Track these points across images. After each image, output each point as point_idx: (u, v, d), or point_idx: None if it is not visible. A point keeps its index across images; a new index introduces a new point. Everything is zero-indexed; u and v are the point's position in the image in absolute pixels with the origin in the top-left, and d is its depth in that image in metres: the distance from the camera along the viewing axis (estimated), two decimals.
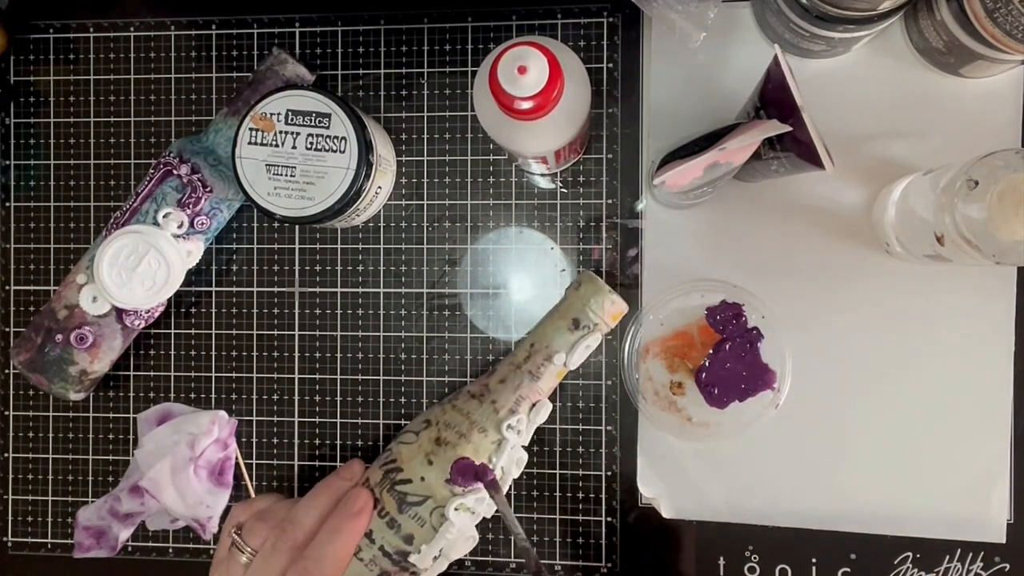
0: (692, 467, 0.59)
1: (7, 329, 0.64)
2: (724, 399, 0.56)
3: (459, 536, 0.52)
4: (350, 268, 0.62)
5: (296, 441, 0.63)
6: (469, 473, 0.51)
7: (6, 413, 0.64)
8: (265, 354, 0.63)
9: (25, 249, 0.64)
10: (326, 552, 0.50)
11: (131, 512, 0.61)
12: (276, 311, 0.62)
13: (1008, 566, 0.57)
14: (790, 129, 0.47)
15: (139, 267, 0.56)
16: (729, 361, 0.57)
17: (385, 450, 0.56)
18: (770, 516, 0.59)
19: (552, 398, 0.58)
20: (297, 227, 0.62)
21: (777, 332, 0.56)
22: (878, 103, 0.58)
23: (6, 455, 0.64)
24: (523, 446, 0.55)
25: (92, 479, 0.64)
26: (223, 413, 0.61)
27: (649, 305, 0.58)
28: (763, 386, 0.56)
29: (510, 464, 0.53)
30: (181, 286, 0.58)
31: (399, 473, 0.53)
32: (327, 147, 0.53)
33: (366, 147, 0.53)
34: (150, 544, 0.63)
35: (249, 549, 0.52)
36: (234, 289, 0.63)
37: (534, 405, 0.54)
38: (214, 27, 0.63)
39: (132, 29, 0.63)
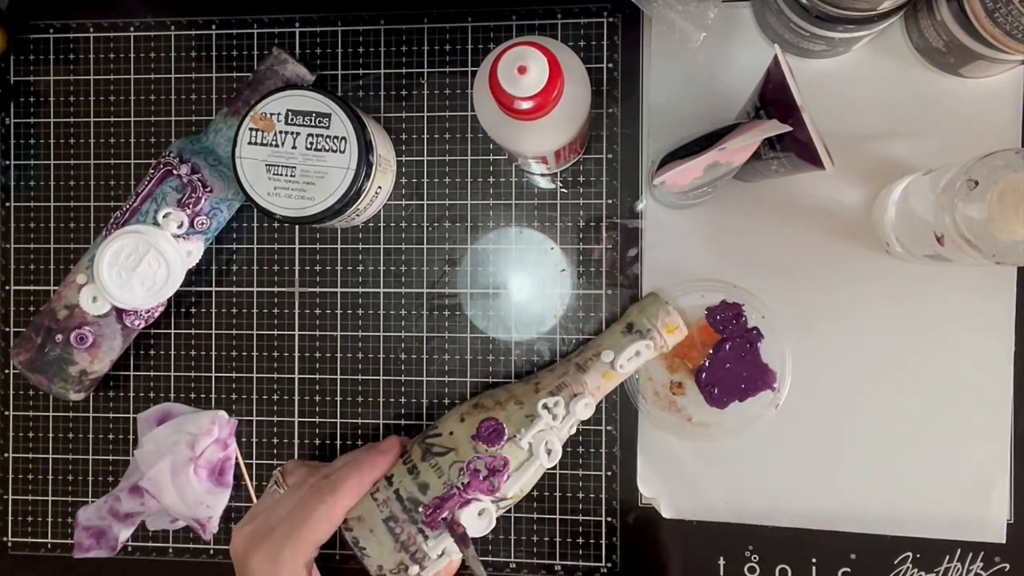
0: (692, 467, 0.59)
1: (7, 329, 0.64)
2: (724, 399, 0.56)
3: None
4: (350, 268, 0.62)
5: (296, 441, 0.63)
6: (494, 434, 0.52)
7: (6, 413, 0.64)
8: (265, 354, 0.63)
9: (25, 249, 0.64)
10: (342, 476, 0.52)
11: (131, 512, 0.61)
12: (276, 311, 0.62)
13: (1008, 566, 0.57)
14: (790, 129, 0.47)
15: (139, 267, 0.56)
16: (729, 361, 0.57)
17: None
18: (770, 516, 0.59)
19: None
20: (297, 227, 0.62)
21: (777, 332, 0.56)
22: (878, 103, 0.58)
23: (6, 455, 0.64)
24: (558, 439, 0.54)
25: (92, 479, 0.64)
26: (223, 413, 0.61)
27: None
28: (763, 386, 0.56)
29: (538, 446, 0.52)
30: (181, 286, 0.58)
31: (433, 429, 0.55)
32: (327, 147, 0.53)
33: (366, 147, 0.53)
34: (150, 544, 0.63)
35: (283, 484, 0.55)
36: (234, 289, 0.63)
37: (576, 395, 0.54)
38: (214, 27, 0.63)
39: (132, 29, 0.63)
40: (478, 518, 0.52)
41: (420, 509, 0.51)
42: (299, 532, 0.50)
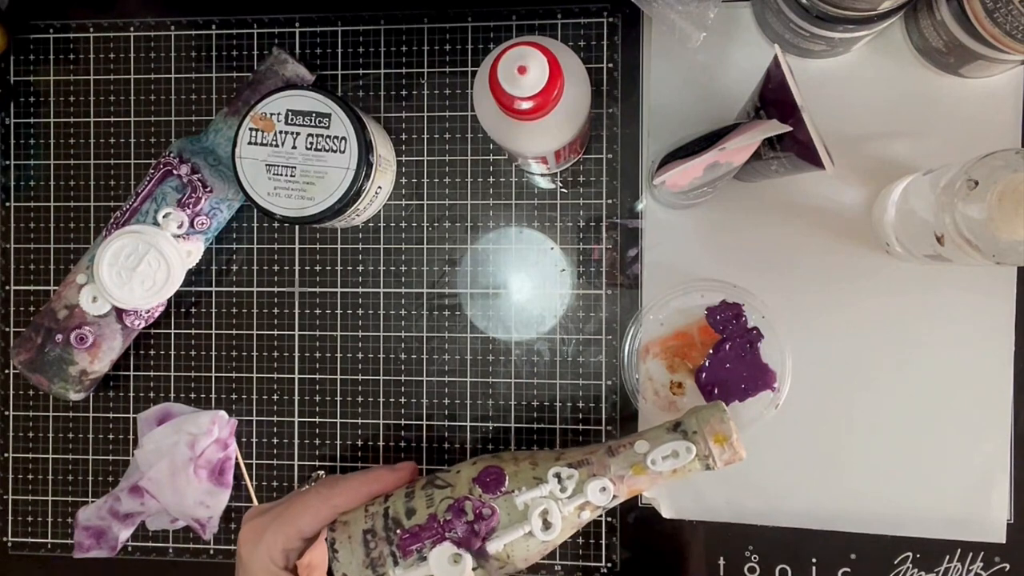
0: None
1: (7, 329, 0.64)
2: (724, 399, 0.56)
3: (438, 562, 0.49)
4: (350, 268, 0.62)
5: (296, 441, 0.63)
6: (492, 481, 0.49)
7: (6, 413, 0.64)
8: (265, 354, 0.63)
9: (25, 249, 0.64)
10: (346, 479, 0.51)
11: (131, 512, 0.61)
12: (276, 311, 0.62)
13: (1008, 566, 0.57)
14: (790, 129, 0.47)
15: (139, 267, 0.56)
16: (729, 361, 0.57)
17: None
18: (770, 516, 0.59)
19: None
20: (297, 227, 0.62)
21: (777, 332, 0.56)
22: (878, 103, 0.58)
23: (6, 455, 0.64)
24: (560, 514, 0.49)
25: (92, 479, 0.64)
26: (223, 413, 0.61)
27: (649, 305, 0.58)
28: (763, 386, 0.56)
29: (534, 511, 0.48)
30: (181, 286, 0.58)
31: (448, 467, 0.52)
32: (327, 147, 0.53)
33: (366, 147, 0.53)
34: (150, 544, 0.63)
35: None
36: (234, 289, 0.63)
37: (594, 475, 0.49)
38: (214, 27, 0.63)
39: (132, 29, 0.63)
40: (449, 562, 0.48)
41: (398, 531, 0.49)
42: (283, 517, 0.49)
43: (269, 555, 0.49)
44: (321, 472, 0.57)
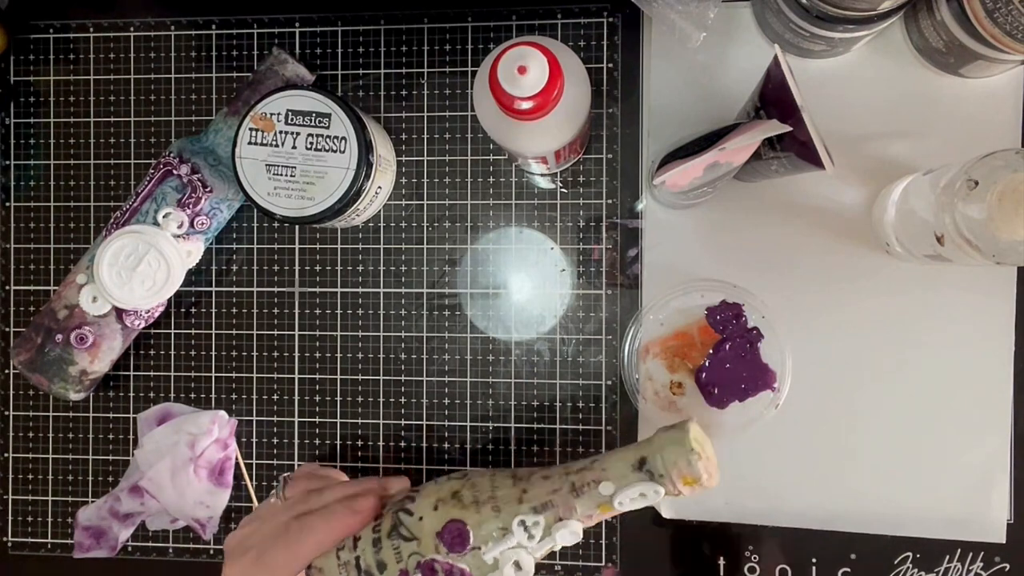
0: None
1: (7, 329, 0.64)
2: (724, 399, 0.56)
3: None
4: (350, 268, 0.62)
5: (296, 441, 0.63)
6: (457, 540, 0.48)
7: (6, 413, 0.64)
8: (265, 354, 0.63)
9: (25, 249, 0.64)
10: (313, 526, 0.51)
11: (131, 512, 0.61)
12: (276, 311, 0.62)
13: (1008, 566, 0.57)
14: (790, 129, 0.47)
15: (139, 267, 0.56)
16: (729, 361, 0.57)
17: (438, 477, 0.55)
18: (770, 516, 0.59)
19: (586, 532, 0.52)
20: (297, 227, 0.62)
21: (777, 332, 0.56)
22: (878, 103, 0.58)
23: (6, 455, 0.64)
24: (532, 558, 0.49)
25: (92, 479, 0.64)
26: (223, 413, 0.61)
27: (649, 305, 0.58)
28: (763, 386, 0.56)
29: (506, 563, 0.48)
30: (181, 286, 0.58)
31: (411, 502, 0.51)
32: (327, 147, 0.53)
33: (366, 147, 0.53)
34: (150, 544, 0.63)
35: (282, 496, 0.54)
36: (234, 289, 0.63)
37: (560, 520, 0.48)
38: (214, 27, 0.63)
39: (132, 29, 0.63)
40: None
41: None
42: (260, 569, 0.51)
43: None
44: (287, 474, 0.56)
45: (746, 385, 0.56)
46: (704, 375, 0.57)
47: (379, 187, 0.57)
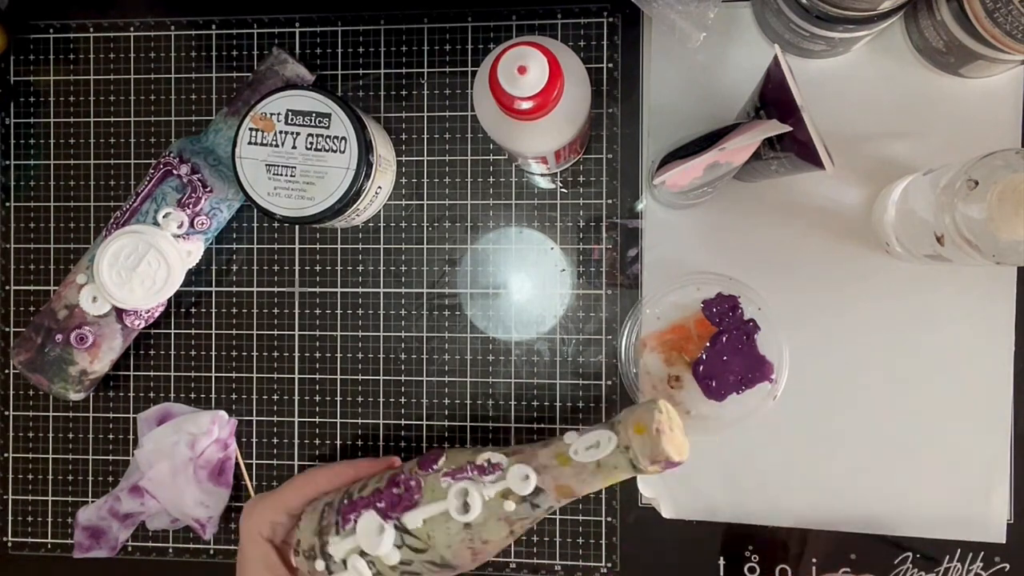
0: (692, 467, 0.59)
1: (7, 329, 0.64)
2: (722, 391, 0.56)
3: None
4: (350, 268, 0.62)
5: (296, 441, 0.63)
6: (430, 459, 0.50)
7: (6, 413, 0.64)
8: (265, 354, 0.63)
9: (25, 249, 0.64)
10: (335, 465, 0.55)
11: (131, 512, 0.61)
12: (276, 311, 0.62)
13: (1008, 566, 0.57)
14: (790, 129, 0.47)
15: (139, 267, 0.56)
16: (726, 354, 0.57)
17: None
18: (770, 516, 0.59)
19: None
20: (297, 227, 0.62)
21: (774, 324, 0.56)
22: (878, 103, 0.58)
23: (6, 455, 0.64)
24: (480, 496, 0.48)
25: (92, 479, 0.64)
26: (223, 413, 0.61)
27: (646, 299, 0.58)
28: (760, 378, 0.56)
29: (452, 489, 0.48)
30: (181, 286, 0.58)
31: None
32: (327, 147, 0.53)
33: (366, 147, 0.53)
34: (150, 544, 0.63)
35: None
36: (234, 289, 0.63)
37: (520, 463, 0.48)
38: (214, 27, 0.63)
39: (132, 29, 0.63)
40: (374, 533, 0.48)
41: (345, 502, 0.51)
42: (274, 494, 0.54)
43: (257, 527, 0.53)
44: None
45: (743, 377, 0.56)
46: (701, 368, 0.57)
47: (379, 187, 0.57)
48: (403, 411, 0.62)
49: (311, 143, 0.53)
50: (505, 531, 0.49)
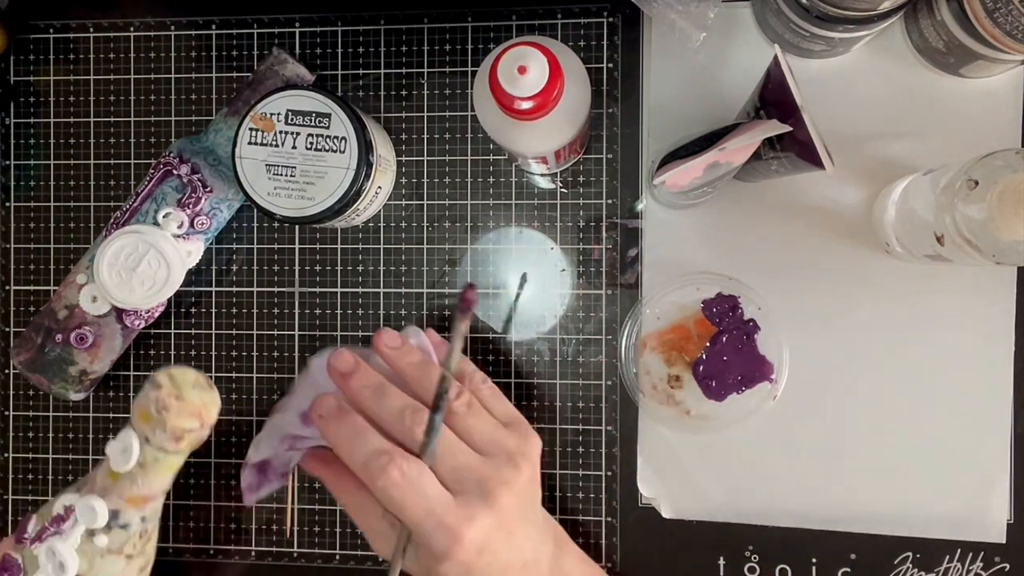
0: (692, 467, 0.59)
1: (7, 329, 0.64)
2: (722, 391, 0.57)
3: None
4: (350, 268, 0.62)
5: None
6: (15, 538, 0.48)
7: (6, 413, 0.64)
8: (265, 354, 0.63)
9: (25, 249, 0.64)
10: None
11: (300, 435, 0.53)
12: (276, 311, 0.62)
13: (1008, 566, 0.57)
14: (790, 129, 0.47)
15: (139, 267, 0.56)
16: (726, 354, 0.57)
17: None
18: (770, 516, 0.59)
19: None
20: (297, 227, 0.62)
21: (774, 324, 0.56)
22: (878, 103, 0.58)
23: (6, 455, 0.64)
24: (70, 551, 0.46)
25: None
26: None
27: (645, 299, 0.58)
28: (760, 378, 0.56)
29: (40, 553, 0.46)
30: (181, 286, 0.58)
31: None
32: (327, 147, 0.53)
33: (366, 147, 0.53)
34: None
35: None
36: (234, 289, 0.63)
37: (85, 495, 0.47)
38: (214, 27, 0.63)
39: (132, 29, 0.63)
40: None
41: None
42: None
43: None
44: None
45: (743, 377, 0.57)
46: (701, 368, 0.57)
47: (379, 187, 0.57)
48: None
49: (311, 143, 0.53)
50: (121, 563, 0.47)
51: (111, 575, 0.47)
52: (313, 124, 0.53)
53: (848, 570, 0.58)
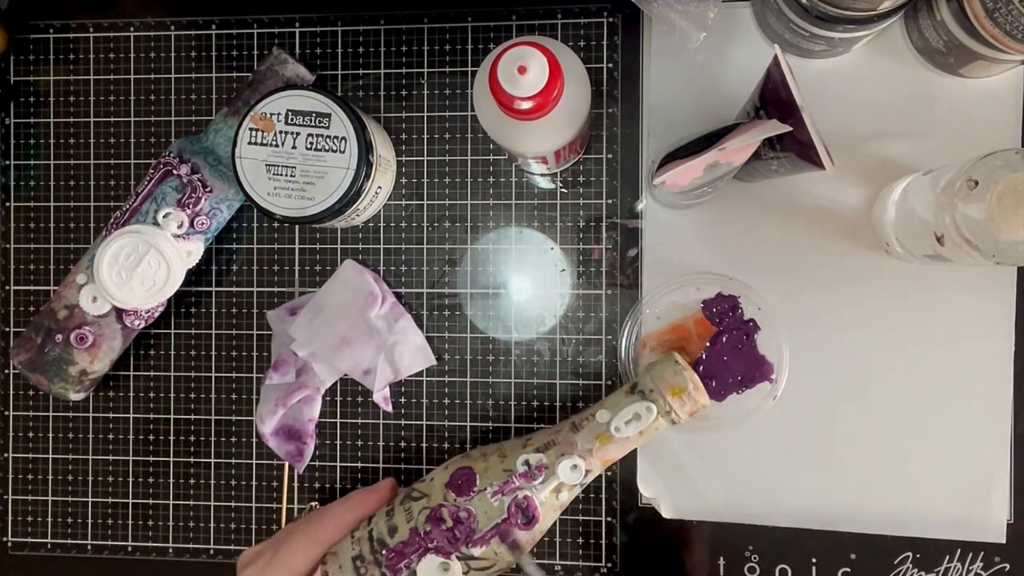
0: (692, 467, 0.59)
1: (7, 329, 0.64)
2: (722, 391, 0.56)
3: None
4: None
5: None
6: (464, 484, 0.49)
7: (6, 413, 0.64)
8: (265, 354, 0.63)
9: (25, 249, 0.64)
10: (328, 511, 0.52)
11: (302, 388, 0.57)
12: None
13: (1008, 566, 0.57)
14: (790, 129, 0.47)
15: (139, 267, 0.56)
16: (726, 354, 0.57)
17: None
18: (770, 516, 0.59)
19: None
20: (297, 227, 0.62)
21: (774, 324, 0.56)
22: (878, 103, 0.58)
23: (6, 455, 0.64)
24: (537, 501, 0.49)
25: (92, 479, 0.64)
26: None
27: (646, 299, 0.58)
28: (760, 378, 0.56)
29: (509, 500, 0.49)
30: (181, 286, 0.58)
31: (424, 475, 0.52)
32: (327, 147, 0.53)
33: (366, 147, 0.53)
34: (150, 544, 0.63)
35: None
36: (234, 289, 0.63)
37: (563, 455, 0.50)
38: (214, 27, 0.63)
39: (132, 29, 0.63)
40: (439, 572, 0.48)
41: (384, 552, 0.49)
42: (274, 563, 0.50)
43: (302, 566, 0.49)
44: (315, 503, 0.56)
45: (743, 377, 0.56)
46: (701, 368, 0.57)
47: (379, 187, 0.57)
48: (403, 411, 0.62)
49: (311, 143, 0.53)
50: (557, 515, 0.51)
51: (547, 526, 0.51)
52: (313, 124, 0.53)
53: (848, 570, 0.58)
